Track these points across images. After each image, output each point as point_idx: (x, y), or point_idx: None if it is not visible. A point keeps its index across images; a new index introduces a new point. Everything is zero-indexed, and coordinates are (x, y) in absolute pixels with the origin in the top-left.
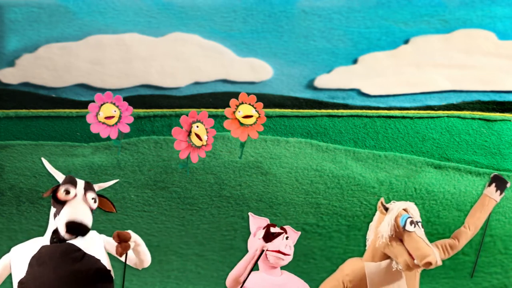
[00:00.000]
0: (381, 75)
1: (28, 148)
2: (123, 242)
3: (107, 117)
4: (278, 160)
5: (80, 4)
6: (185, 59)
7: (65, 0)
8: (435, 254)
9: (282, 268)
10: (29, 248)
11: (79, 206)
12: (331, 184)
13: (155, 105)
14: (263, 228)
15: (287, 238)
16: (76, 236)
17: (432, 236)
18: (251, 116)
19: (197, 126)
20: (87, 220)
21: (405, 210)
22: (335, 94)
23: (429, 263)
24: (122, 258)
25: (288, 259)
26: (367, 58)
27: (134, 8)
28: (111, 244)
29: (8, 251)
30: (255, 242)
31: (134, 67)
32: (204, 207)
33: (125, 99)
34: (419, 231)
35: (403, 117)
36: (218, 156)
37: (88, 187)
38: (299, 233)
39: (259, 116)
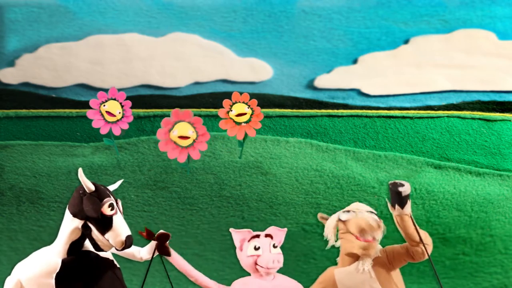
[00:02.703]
0: (381, 75)
1: (28, 148)
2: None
3: (111, 114)
4: (278, 160)
5: (80, 4)
6: (185, 59)
7: (65, 0)
8: (367, 221)
9: (281, 270)
10: (42, 266)
11: (122, 220)
12: (331, 184)
13: (155, 105)
14: (251, 238)
15: (274, 246)
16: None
17: (432, 236)
18: (244, 114)
19: (191, 131)
20: (129, 231)
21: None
22: (335, 94)
23: (363, 230)
24: (136, 254)
25: (278, 267)
26: (367, 58)
27: (134, 8)
28: None
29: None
30: (244, 259)
31: (134, 67)
32: (204, 207)
33: (125, 99)
34: (361, 214)
35: (403, 117)
36: (218, 156)
37: (113, 195)
38: (285, 230)
39: (252, 113)
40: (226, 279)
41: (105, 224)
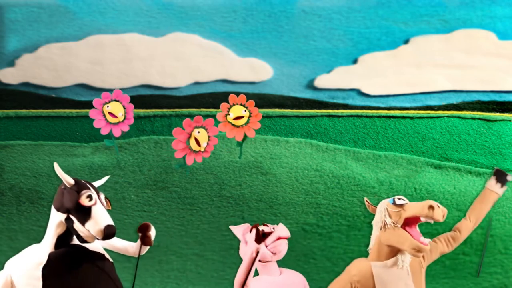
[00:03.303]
0: (381, 75)
1: (28, 148)
2: (149, 233)
3: (112, 114)
4: (278, 160)
5: (80, 4)
6: (185, 59)
7: (65, 0)
8: (430, 203)
9: (279, 265)
10: (32, 260)
11: (103, 211)
12: (331, 184)
13: (155, 105)
14: (250, 231)
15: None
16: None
17: (432, 236)
18: (242, 117)
19: (199, 132)
20: (112, 221)
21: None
22: (335, 94)
23: (431, 207)
24: (129, 249)
25: (276, 258)
26: (367, 58)
27: (134, 8)
28: (106, 241)
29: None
30: (247, 249)
31: (134, 67)
32: (204, 207)
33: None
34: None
35: (403, 117)
36: (218, 156)
37: (94, 188)
38: (280, 225)
39: (250, 115)
40: (226, 279)
41: (84, 215)
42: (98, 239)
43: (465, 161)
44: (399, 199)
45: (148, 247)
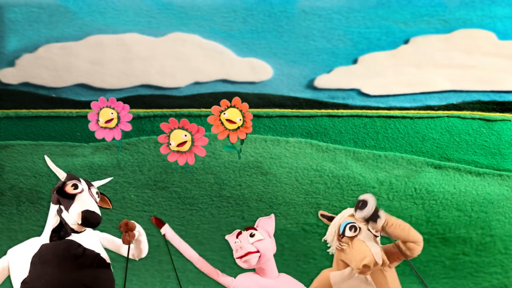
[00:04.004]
0: (381, 75)
1: (28, 148)
2: (130, 231)
3: (107, 121)
4: (278, 160)
5: (80, 4)
6: (185, 59)
7: (65, 0)
8: (371, 256)
9: (281, 270)
10: (28, 248)
11: (88, 199)
12: (331, 184)
13: (155, 105)
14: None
15: (251, 235)
16: (93, 227)
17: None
18: (234, 123)
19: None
20: (98, 211)
21: (351, 215)
22: (335, 94)
23: (366, 266)
24: (125, 248)
25: (254, 255)
26: (367, 58)
27: (134, 8)
28: (107, 239)
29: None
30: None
31: (134, 67)
32: (204, 207)
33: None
34: (363, 234)
35: (403, 117)
36: (218, 156)
37: (89, 184)
38: (272, 216)
39: (242, 125)
40: None
41: (68, 200)
42: (79, 224)
43: (465, 161)
44: (351, 228)
45: (145, 251)
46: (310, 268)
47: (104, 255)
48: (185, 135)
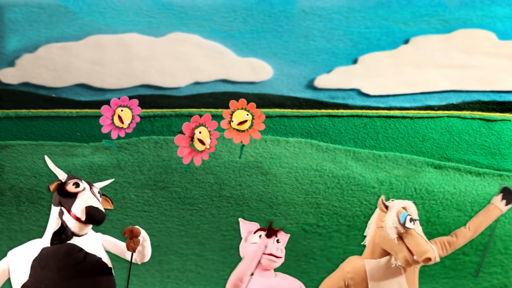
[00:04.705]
0: (381, 75)
1: (28, 148)
2: (134, 238)
3: (121, 119)
4: (278, 160)
5: (80, 4)
6: (185, 59)
7: (65, 0)
8: (434, 251)
9: (276, 270)
10: (28, 251)
11: (91, 196)
12: (331, 184)
13: (155, 105)
14: (257, 230)
15: (278, 241)
16: (98, 224)
17: (432, 236)
18: (245, 121)
19: (200, 132)
20: (102, 209)
21: (404, 208)
22: (335, 94)
23: (428, 259)
24: (129, 253)
25: (279, 262)
26: (367, 58)
27: (134, 8)
28: (109, 242)
29: (8, 251)
30: (247, 247)
31: (134, 67)
32: (204, 207)
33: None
34: (418, 229)
35: (403, 117)
36: (218, 156)
37: (91, 184)
38: (289, 235)
39: (253, 118)
40: (226, 279)
41: (70, 199)
42: (83, 221)
43: (465, 161)
44: (411, 220)
45: (148, 256)
46: (310, 268)
47: (106, 259)
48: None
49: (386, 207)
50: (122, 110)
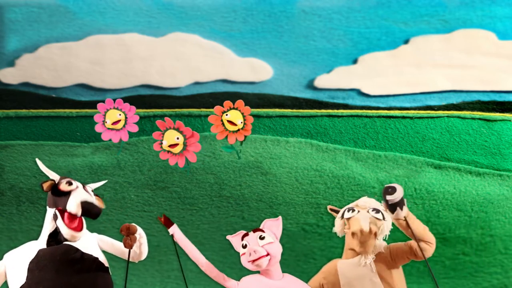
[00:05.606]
0: (381, 75)
1: (28, 148)
2: (131, 235)
3: (114, 122)
4: (278, 160)
5: (80, 4)
6: (185, 59)
7: (65, 0)
8: (360, 224)
9: (284, 271)
10: (24, 253)
11: (85, 193)
12: (331, 184)
13: (155, 105)
14: (242, 237)
15: (261, 237)
16: (94, 217)
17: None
18: (235, 125)
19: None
20: (97, 203)
21: (352, 207)
22: (335, 94)
23: (353, 234)
24: (126, 253)
25: (267, 258)
26: (367, 58)
27: (134, 8)
28: (105, 241)
29: (8, 250)
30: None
31: (134, 67)
32: (204, 207)
33: (125, 99)
34: (361, 215)
35: (403, 117)
36: (218, 156)
37: (83, 184)
38: (279, 218)
39: (242, 128)
40: None
41: (64, 198)
42: (79, 216)
43: (465, 161)
44: (349, 210)
45: (144, 253)
46: (310, 268)
47: (102, 258)
48: (178, 138)
49: (337, 212)
50: (120, 115)
